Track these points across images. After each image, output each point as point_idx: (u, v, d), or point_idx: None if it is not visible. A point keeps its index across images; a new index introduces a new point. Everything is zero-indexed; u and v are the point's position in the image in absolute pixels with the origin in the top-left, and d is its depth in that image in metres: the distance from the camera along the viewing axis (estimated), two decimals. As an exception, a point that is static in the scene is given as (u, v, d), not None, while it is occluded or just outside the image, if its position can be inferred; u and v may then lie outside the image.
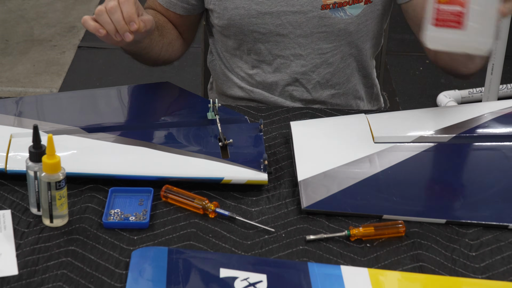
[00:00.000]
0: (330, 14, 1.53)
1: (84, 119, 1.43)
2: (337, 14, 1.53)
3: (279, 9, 1.53)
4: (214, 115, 1.41)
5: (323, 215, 1.24)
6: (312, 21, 1.54)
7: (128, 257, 1.14)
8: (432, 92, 3.28)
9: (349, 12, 1.53)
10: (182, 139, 1.37)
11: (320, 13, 1.53)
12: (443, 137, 1.39)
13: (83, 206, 1.25)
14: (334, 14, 1.53)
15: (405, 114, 1.49)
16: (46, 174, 1.17)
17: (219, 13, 1.57)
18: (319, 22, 1.54)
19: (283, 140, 1.43)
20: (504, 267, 1.15)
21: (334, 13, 1.53)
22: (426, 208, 1.24)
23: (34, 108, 1.48)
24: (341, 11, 1.53)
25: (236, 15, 1.55)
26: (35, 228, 1.20)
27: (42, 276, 1.11)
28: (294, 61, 1.58)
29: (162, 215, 1.23)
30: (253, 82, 1.63)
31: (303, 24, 1.54)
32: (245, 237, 1.19)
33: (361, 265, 1.15)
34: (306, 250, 1.17)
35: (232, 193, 1.28)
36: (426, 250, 1.17)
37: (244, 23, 1.55)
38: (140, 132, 1.39)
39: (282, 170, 1.34)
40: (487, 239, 1.20)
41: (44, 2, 3.92)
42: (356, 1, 1.53)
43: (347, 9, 1.53)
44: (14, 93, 3.21)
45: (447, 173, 1.32)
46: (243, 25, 1.56)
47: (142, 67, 3.78)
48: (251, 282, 1.09)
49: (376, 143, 1.38)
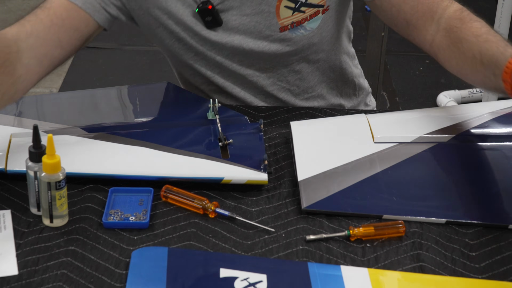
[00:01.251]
0: (290, 34, 1.48)
1: (84, 119, 1.43)
2: (297, 32, 1.49)
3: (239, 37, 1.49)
4: (214, 115, 1.41)
5: (323, 215, 1.24)
6: (274, 45, 1.50)
7: (128, 257, 1.14)
8: (432, 92, 3.28)
9: (309, 27, 1.48)
10: (182, 139, 1.37)
11: (280, 36, 1.49)
12: (443, 137, 1.39)
13: (83, 206, 1.25)
14: (294, 33, 1.48)
15: (405, 114, 1.49)
16: (46, 174, 1.17)
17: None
18: (281, 43, 1.50)
19: (283, 140, 1.43)
20: (504, 267, 1.15)
21: (294, 33, 1.48)
22: (426, 208, 1.24)
23: (34, 108, 1.48)
24: (300, 29, 1.48)
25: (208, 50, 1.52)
26: (35, 228, 1.20)
27: (42, 276, 1.11)
28: (260, 76, 1.57)
29: (162, 215, 1.23)
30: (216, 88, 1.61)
31: (266, 48, 1.50)
32: (245, 237, 1.19)
33: (361, 265, 1.15)
34: (306, 250, 1.17)
35: (232, 193, 1.28)
36: (426, 250, 1.17)
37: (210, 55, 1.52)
38: (140, 132, 1.39)
39: (282, 170, 1.34)
40: (487, 239, 1.20)
41: (44, 2, 3.91)
42: (314, 15, 1.47)
43: (306, 25, 1.48)
44: (14, 93, 3.20)
45: (447, 173, 1.32)
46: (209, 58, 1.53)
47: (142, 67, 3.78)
48: (251, 282, 1.09)
49: (376, 143, 1.38)
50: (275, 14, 1.46)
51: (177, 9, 1.47)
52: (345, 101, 1.67)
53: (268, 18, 1.47)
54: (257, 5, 1.46)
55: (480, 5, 3.74)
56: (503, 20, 2.66)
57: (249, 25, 1.48)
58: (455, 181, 1.30)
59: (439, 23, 1.39)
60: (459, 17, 1.37)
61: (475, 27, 1.34)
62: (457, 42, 1.35)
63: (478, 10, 1.39)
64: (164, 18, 1.48)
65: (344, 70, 1.64)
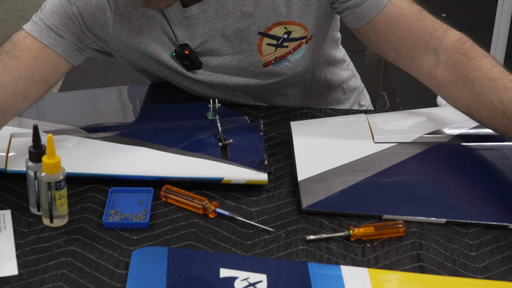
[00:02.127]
0: (275, 68, 1.46)
1: (84, 119, 1.43)
2: (281, 65, 1.46)
3: (222, 76, 1.48)
4: (214, 115, 1.41)
5: (323, 215, 1.24)
6: (258, 79, 1.48)
7: (128, 257, 1.14)
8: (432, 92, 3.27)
9: (293, 59, 1.45)
10: (182, 139, 1.37)
11: (264, 70, 1.46)
12: (443, 137, 1.39)
13: (83, 206, 1.25)
14: (278, 66, 1.45)
15: (405, 114, 1.49)
16: (46, 174, 1.17)
17: None
18: (266, 76, 1.48)
19: (283, 140, 1.43)
20: (504, 267, 1.15)
21: (278, 66, 1.45)
22: (426, 208, 1.24)
23: (34, 108, 1.48)
24: (285, 61, 1.46)
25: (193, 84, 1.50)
26: (35, 228, 1.20)
27: (42, 276, 1.11)
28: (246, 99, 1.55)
29: (162, 215, 1.23)
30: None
31: (250, 82, 1.48)
32: (245, 237, 1.19)
33: (361, 265, 1.15)
34: (306, 250, 1.17)
35: (232, 193, 1.28)
36: (426, 250, 1.17)
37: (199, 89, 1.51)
38: (140, 132, 1.39)
39: (282, 170, 1.34)
40: (487, 239, 1.20)
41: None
42: (297, 47, 1.44)
43: (290, 58, 1.45)
44: (14, 93, 3.21)
45: (447, 173, 1.32)
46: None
47: (142, 67, 3.72)
48: (251, 282, 1.09)
49: (376, 143, 1.38)
50: (257, 52, 1.44)
51: (157, 53, 1.43)
52: (336, 107, 1.66)
53: (250, 56, 1.44)
54: (238, 45, 1.43)
55: (480, 5, 3.73)
56: (503, 20, 2.66)
57: (231, 64, 1.45)
58: (455, 181, 1.30)
59: (437, 55, 1.33)
60: (462, 52, 1.31)
61: (485, 67, 1.28)
62: (467, 82, 1.29)
63: (478, 10, 1.39)
64: (146, 59, 1.45)
65: (329, 80, 1.62)
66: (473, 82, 1.29)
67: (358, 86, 1.71)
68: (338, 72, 1.64)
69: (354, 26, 1.41)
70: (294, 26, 1.41)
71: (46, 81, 1.36)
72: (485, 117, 1.29)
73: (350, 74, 1.69)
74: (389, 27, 1.37)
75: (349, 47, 1.66)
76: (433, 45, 1.34)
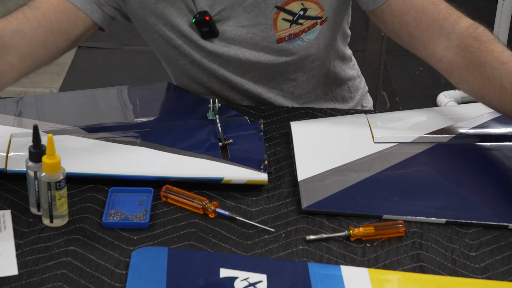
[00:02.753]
0: (288, 45, 1.48)
1: (84, 119, 1.43)
2: (294, 44, 1.48)
3: (235, 48, 1.49)
4: (214, 115, 1.41)
5: (323, 215, 1.24)
6: (270, 56, 1.49)
7: (128, 257, 1.14)
8: (432, 92, 3.28)
9: (307, 39, 1.48)
10: (182, 139, 1.37)
11: (277, 47, 1.48)
12: (443, 137, 1.39)
13: (83, 206, 1.25)
14: (292, 44, 1.48)
15: (405, 114, 1.49)
16: (46, 174, 1.17)
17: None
18: (278, 54, 1.49)
19: (283, 140, 1.43)
20: (504, 267, 1.15)
21: (291, 44, 1.48)
22: (426, 208, 1.24)
23: (34, 108, 1.48)
24: (298, 40, 1.48)
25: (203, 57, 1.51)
26: (35, 228, 1.20)
27: (42, 276, 1.11)
28: (254, 84, 1.56)
29: (162, 215, 1.23)
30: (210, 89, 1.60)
31: (262, 59, 1.49)
32: (245, 237, 1.19)
33: (361, 265, 1.15)
34: (306, 250, 1.17)
35: (232, 193, 1.28)
36: (426, 250, 1.17)
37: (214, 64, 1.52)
38: (140, 132, 1.39)
39: (282, 170, 1.34)
40: (487, 239, 1.20)
41: (44, 2, 3.91)
42: (311, 27, 1.46)
43: (304, 37, 1.47)
44: (14, 93, 3.21)
45: (447, 173, 1.32)
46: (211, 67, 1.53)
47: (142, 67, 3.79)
48: (251, 282, 1.09)
49: (376, 143, 1.38)
50: (272, 26, 1.46)
51: (173, 17, 1.46)
52: (340, 105, 1.67)
53: (265, 30, 1.46)
54: (254, 17, 1.45)
55: (480, 5, 3.73)
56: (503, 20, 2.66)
57: (246, 37, 1.47)
58: (455, 181, 1.30)
59: (450, 39, 1.35)
60: (474, 36, 1.32)
61: (496, 50, 1.30)
62: (478, 65, 1.30)
63: (478, 10, 1.40)
64: (161, 25, 1.47)
65: (337, 74, 1.63)
66: (484, 65, 1.30)
67: (362, 87, 1.73)
68: (345, 69, 1.65)
69: (370, 8, 1.43)
70: (311, 4, 1.44)
71: (65, 32, 1.40)
72: (495, 100, 1.30)
73: (356, 74, 1.70)
74: (404, 8, 1.39)
75: (350, 47, 1.67)
76: (447, 29, 1.36)
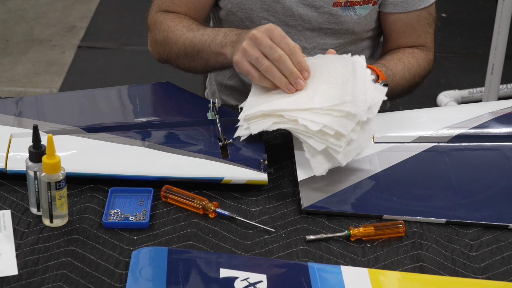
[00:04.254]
0: (341, 12, 1.55)
1: (84, 119, 1.43)
2: (347, 12, 1.56)
3: (292, 0, 1.55)
4: (214, 115, 1.41)
5: (323, 215, 1.24)
6: (322, 17, 1.56)
7: (128, 257, 1.14)
8: (432, 92, 3.28)
9: (359, 12, 1.56)
10: (182, 139, 1.37)
11: (331, 10, 1.55)
12: (443, 137, 1.39)
13: (83, 206, 1.25)
14: (345, 12, 1.55)
15: (405, 114, 1.49)
16: (46, 174, 1.17)
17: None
18: (328, 18, 1.56)
19: (283, 140, 1.43)
20: (504, 267, 1.15)
21: (345, 12, 1.55)
22: (426, 208, 1.24)
23: (34, 108, 1.48)
24: (351, 10, 1.55)
25: (248, 0, 1.56)
26: (35, 228, 1.20)
27: (42, 276, 1.11)
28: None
29: (162, 215, 1.23)
30: None
31: (313, 19, 1.56)
32: (245, 237, 1.19)
33: (361, 265, 1.15)
34: (306, 250, 1.17)
35: (232, 193, 1.28)
36: (426, 250, 1.17)
37: (255, 8, 1.56)
38: (140, 132, 1.39)
39: (282, 170, 1.34)
40: (487, 239, 1.20)
41: (44, 2, 3.92)
42: (366, 2, 1.55)
43: (357, 9, 1.56)
44: (14, 93, 3.21)
45: (447, 173, 1.32)
46: (253, 11, 1.57)
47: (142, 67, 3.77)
48: (251, 282, 1.09)
49: (376, 143, 1.38)
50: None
51: None
52: None
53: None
54: None
55: (480, 5, 3.73)
56: (503, 20, 2.66)
57: None
58: (455, 181, 1.30)
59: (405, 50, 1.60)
60: (411, 50, 1.60)
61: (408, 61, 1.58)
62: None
63: (478, 10, 1.40)
64: None
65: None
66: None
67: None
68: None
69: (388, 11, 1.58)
70: None
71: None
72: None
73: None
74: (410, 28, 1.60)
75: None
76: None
